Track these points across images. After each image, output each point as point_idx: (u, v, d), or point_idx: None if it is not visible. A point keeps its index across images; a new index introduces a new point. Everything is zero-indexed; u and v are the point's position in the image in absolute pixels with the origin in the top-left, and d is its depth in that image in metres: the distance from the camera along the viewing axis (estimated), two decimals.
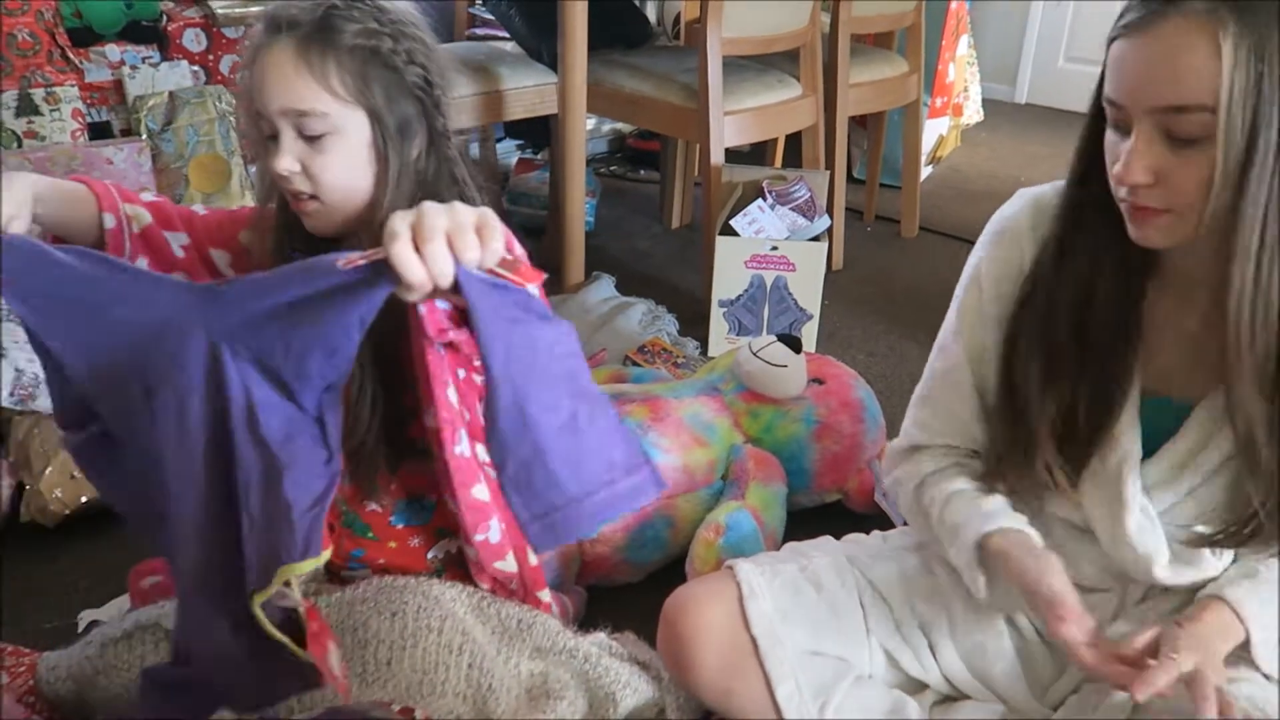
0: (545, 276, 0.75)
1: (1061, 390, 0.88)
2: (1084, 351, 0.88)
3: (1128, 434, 0.88)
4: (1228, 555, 0.89)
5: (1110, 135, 0.80)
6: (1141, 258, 0.86)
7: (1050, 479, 0.90)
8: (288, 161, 0.91)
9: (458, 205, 0.66)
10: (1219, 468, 0.86)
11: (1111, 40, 0.78)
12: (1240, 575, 0.88)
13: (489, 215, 0.67)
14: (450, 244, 0.64)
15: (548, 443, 0.71)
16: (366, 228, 0.94)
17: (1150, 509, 0.89)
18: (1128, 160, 0.76)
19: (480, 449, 1.01)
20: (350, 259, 0.67)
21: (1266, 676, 0.86)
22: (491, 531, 1.01)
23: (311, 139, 0.91)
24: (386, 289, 0.67)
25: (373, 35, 0.91)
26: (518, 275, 0.69)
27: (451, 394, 0.94)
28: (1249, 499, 0.82)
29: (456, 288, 0.66)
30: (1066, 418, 0.89)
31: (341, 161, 0.93)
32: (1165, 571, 0.90)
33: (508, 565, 1.03)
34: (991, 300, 0.95)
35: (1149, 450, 0.89)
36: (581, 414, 0.73)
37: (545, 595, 1.07)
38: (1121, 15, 0.77)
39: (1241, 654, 0.86)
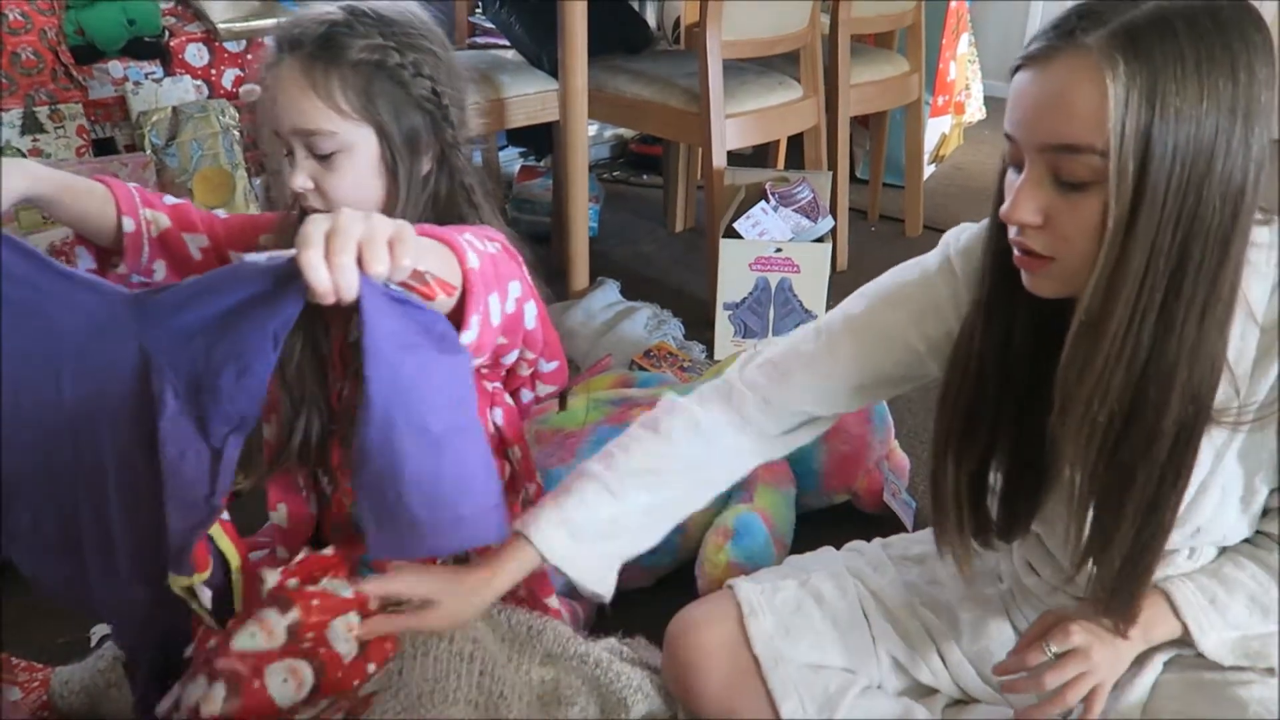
0: (457, 290, 0.75)
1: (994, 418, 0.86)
2: (1013, 402, 0.84)
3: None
4: (1200, 553, 0.88)
5: (1009, 173, 0.77)
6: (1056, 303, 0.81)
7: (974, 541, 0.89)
8: (301, 179, 0.93)
9: (375, 216, 0.65)
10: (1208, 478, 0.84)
11: (1014, 70, 0.75)
12: (1205, 570, 0.86)
13: (405, 229, 0.66)
14: (360, 255, 0.63)
15: (407, 464, 0.71)
16: None
17: None
18: (1015, 197, 0.73)
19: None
20: (266, 251, 0.67)
21: (1269, 671, 0.85)
22: None
23: (322, 157, 0.92)
24: (298, 302, 0.67)
25: (378, 50, 0.92)
26: (426, 289, 0.68)
27: None
28: None
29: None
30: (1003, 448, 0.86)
31: (352, 178, 0.94)
32: None
33: None
34: (915, 326, 0.93)
35: None
36: (451, 445, 0.73)
37: (553, 601, 1.07)
38: (1028, 44, 0.74)
39: (1250, 654, 0.85)
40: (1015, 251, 0.77)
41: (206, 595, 0.78)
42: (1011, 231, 0.76)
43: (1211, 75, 0.66)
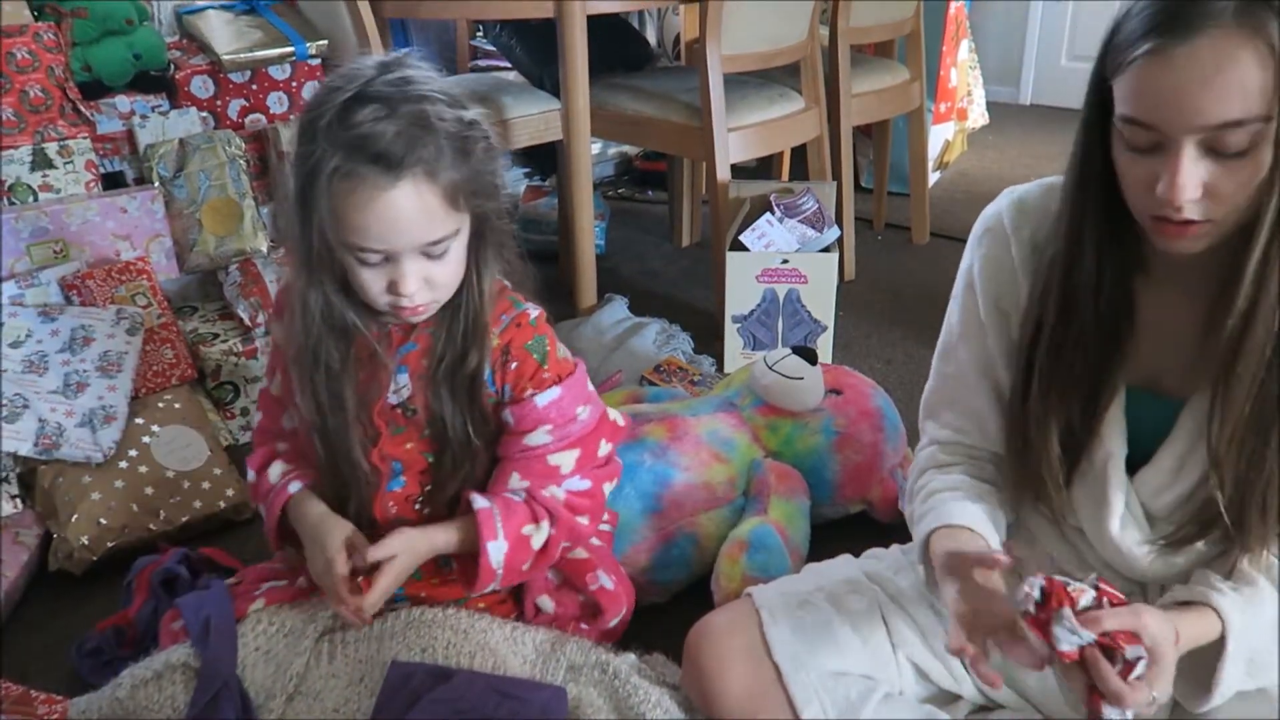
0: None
1: (1057, 392, 0.88)
2: (1077, 353, 0.86)
3: (1113, 433, 0.88)
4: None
5: (1131, 158, 0.76)
6: (1136, 257, 0.85)
7: (1046, 480, 0.89)
8: (414, 284, 0.92)
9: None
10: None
11: (1128, 62, 0.73)
12: (1234, 587, 0.84)
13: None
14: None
15: None
16: (456, 295, 0.99)
17: (1137, 508, 0.88)
18: (1176, 182, 0.72)
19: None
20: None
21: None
22: (603, 580, 1.14)
23: (438, 256, 0.93)
24: None
25: (460, 138, 0.91)
26: None
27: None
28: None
29: None
30: (1060, 418, 0.88)
31: (457, 261, 0.96)
32: (1150, 570, 0.89)
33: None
34: (988, 300, 0.95)
35: (1146, 452, 0.88)
36: None
37: (545, 602, 1.15)
38: (1137, 36, 0.72)
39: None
40: (1157, 223, 0.77)
41: None
42: (1161, 211, 0.75)
43: None
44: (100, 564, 1.38)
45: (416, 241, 0.90)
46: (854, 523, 1.48)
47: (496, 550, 0.99)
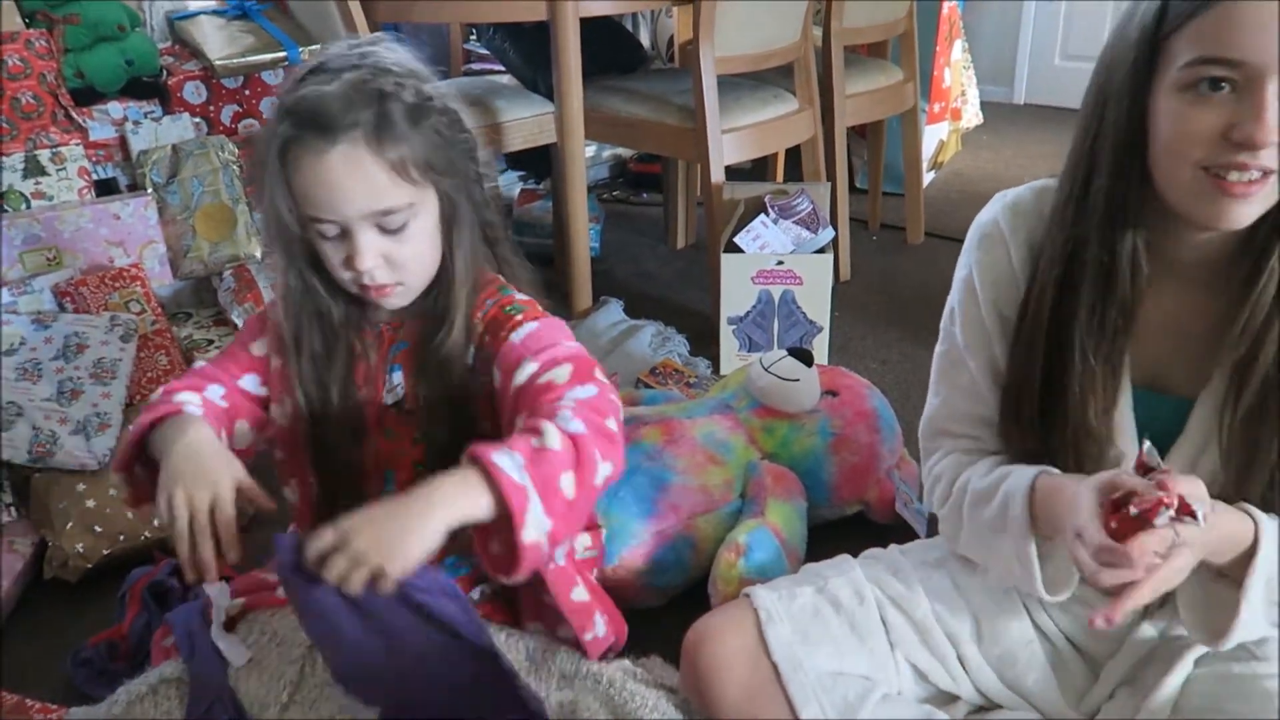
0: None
1: (1061, 390, 0.88)
2: (1081, 352, 0.86)
3: (1123, 432, 0.88)
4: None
5: (1196, 109, 0.76)
6: (1145, 255, 0.85)
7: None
8: (371, 260, 0.90)
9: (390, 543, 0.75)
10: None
11: (1205, 2, 0.73)
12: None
13: (404, 555, 0.75)
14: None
15: None
16: (437, 285, 0.97)
17: None
18: (1263, 118, 0.72)
19: (579, 543, 1.05)
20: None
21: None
22: (598, 627, 1.03)
23: (393, 231, 0.91)
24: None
25: (421, 111, 0.91)
26: None
27: None
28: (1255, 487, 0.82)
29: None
30: (1064, 419, 0.88)
31: (422, 242, 0.94)
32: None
33: (606, 639, 1.06)
34: (989, 305, 0.95)
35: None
36: None
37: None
38: None
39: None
40: (1216, 184, 0.76)
41: None
42: (1242, 158, 0.74)
43: None
44: (95, 572, 1.38)
45: (362, 209, 0.89)
46: (851, 524, 1.47)
47: (531, 512, 0.77)
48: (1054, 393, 0.88)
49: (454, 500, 0.76)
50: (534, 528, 0.76)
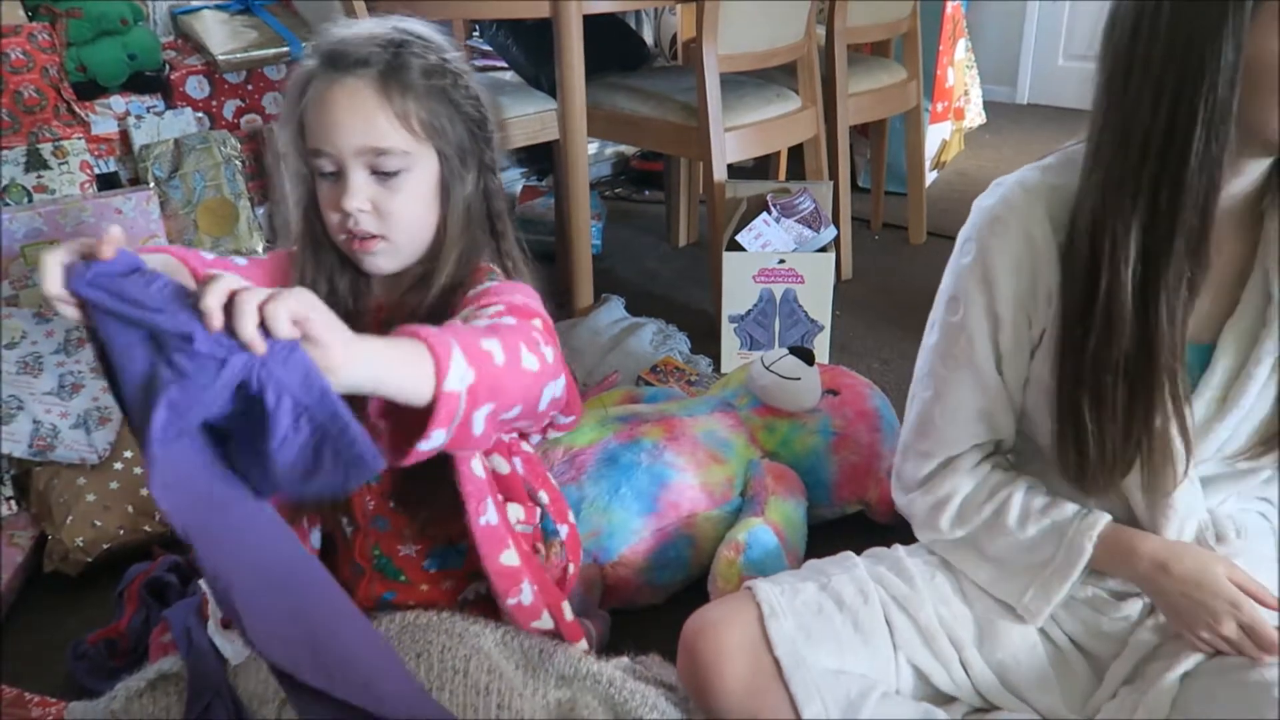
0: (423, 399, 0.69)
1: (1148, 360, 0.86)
2: (1169, 316, 0.84)
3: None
4: (1259, 536, 0.90)
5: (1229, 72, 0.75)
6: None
7: (1105, 460, 0.90)
8: (359, 200, 0.90)
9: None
10: (1260, 393, 0.88)
11: None
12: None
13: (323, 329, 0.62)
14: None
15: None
16: (427, 261, 0.96)
17: (1191, 471, 0.90)
18: None
19: (511, 511, 1.01)
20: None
21: None
22: (524, 594, 1.00)
23: (385, 176, 0.91)
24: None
25: (438, 71, 0.93)
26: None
27: (476, 465, 0.94)
28: None
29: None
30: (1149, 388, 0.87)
31: (413, 199, 0.93)
32: (1196, 535, 0.92)
33: (544, 624, 1.03)
34: (1008, 288, 0.93)
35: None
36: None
37: (583, 645, 1.06)
38: None
39: None
40: None
41: None
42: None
43: None
44: (95, 566, 1.38)
45: (356, 144, 0.89)
46: (851, 524, 1.47)
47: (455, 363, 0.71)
48: (1139, 365, 0.86)
49: (381, 345, 0.68)
50: (456, 378, 0.70)
